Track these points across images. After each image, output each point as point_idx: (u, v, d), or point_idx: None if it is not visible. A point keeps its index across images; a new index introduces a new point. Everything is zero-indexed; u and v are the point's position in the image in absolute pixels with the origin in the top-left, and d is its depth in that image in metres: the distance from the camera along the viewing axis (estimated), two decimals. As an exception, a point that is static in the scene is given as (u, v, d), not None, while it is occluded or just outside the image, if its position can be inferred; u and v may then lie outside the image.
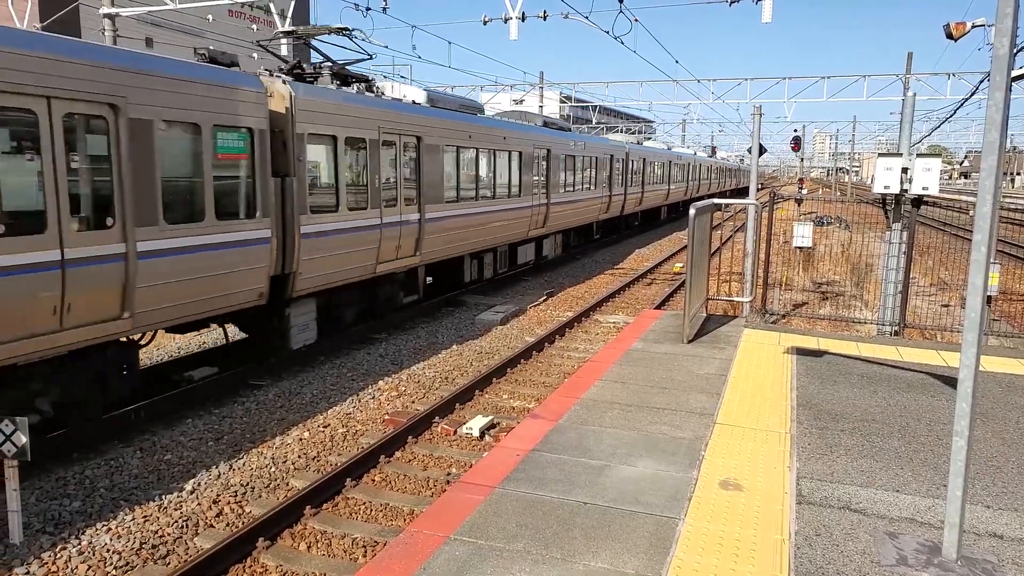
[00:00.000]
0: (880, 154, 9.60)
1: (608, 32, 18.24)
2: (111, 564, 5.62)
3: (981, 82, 17.18)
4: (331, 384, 10.04)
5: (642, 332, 9.33)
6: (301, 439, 8.14)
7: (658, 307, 15.48)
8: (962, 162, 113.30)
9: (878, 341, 9.22)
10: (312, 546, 6.02)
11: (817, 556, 4.07)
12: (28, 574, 5.43)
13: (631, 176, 29.04)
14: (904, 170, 9.28)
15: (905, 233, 9.87)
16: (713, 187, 52.16)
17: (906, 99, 9.93)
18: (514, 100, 36.83)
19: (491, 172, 16.15)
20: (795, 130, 43.60)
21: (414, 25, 22.43)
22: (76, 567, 5.54)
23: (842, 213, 34.85)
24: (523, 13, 17.93)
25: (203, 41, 33.61)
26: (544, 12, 18.89)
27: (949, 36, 10.17)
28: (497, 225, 16.58)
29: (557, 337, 12.92)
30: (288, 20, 19.22)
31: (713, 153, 62.92)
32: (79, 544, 5.82)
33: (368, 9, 17.75)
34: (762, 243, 11.89)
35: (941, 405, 6.56)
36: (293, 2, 18.54)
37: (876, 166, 9.54)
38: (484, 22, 19.39)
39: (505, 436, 6.14)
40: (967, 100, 17.24)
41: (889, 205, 9.87)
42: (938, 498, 4.69)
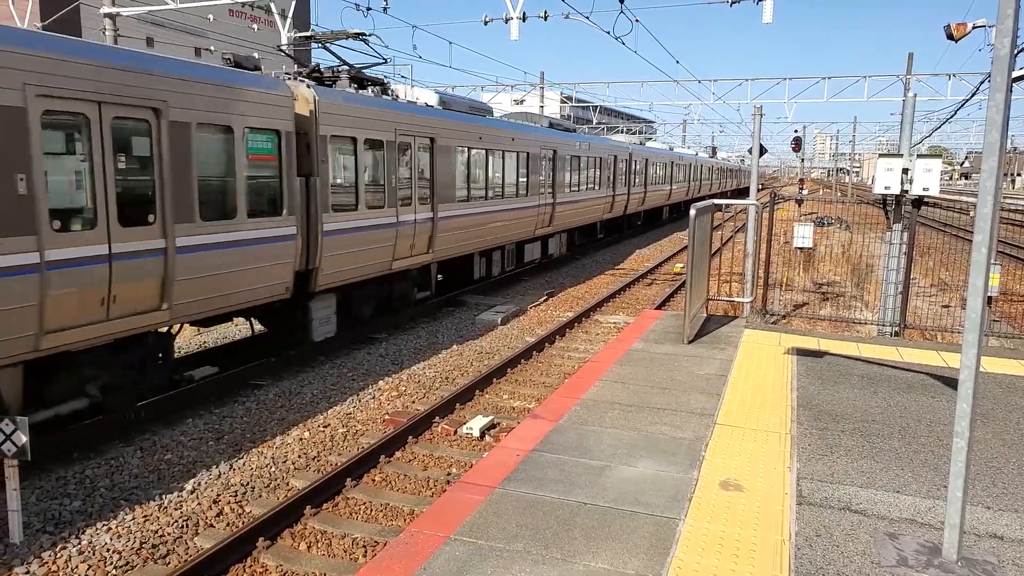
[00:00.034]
0: (881, 155, 9.60)
1: (609, 32, 18.26)
2: (111, 564, 5.62)
3: (982, 83, 17.17)
4: (331, 384, 10.04)
5: (642, 332, 9.33)
6: (301, 439, 8.15)
7: (658, 307, 15.48)
8: (963, 163, 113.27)
9: (878, 342, 9.22)
10: (312, 546, 6.02)
11: (817, 557, 4.07)
12: (28, 573, 5.44)
13: (634, 176, 29.27)
14: (905, 171, 9.28)
15: (905, 234, 9.87)
16: (714, 187, 52.32)
17: (907, 100, 9.94)
18: (515, 100, 36.80)
19: (500, 172, 16.44)
20: (796, 131, 43.63)
21: (415, 25, 22.45)
22: (76, 567, 5.55)
23: (843, 214, 34.83)
24: (524, 13, 17.93)
25: (204, 41, 33.61)
26: (545, 12, 18.89)
27: (950, 37, 10.18)
28: (505, 224, 16.87)
29: (557, 337, 12.92)
30: (289, 20, 19.22)
31: (714, 153, 62.91)
32: (79, 544, 5.82)
33: (369, 9, 17.77)
34: (763, 244, 11.89)
35: (941, 406, 6.56)
36: (294, 2, 18.54)
37: (877, 167, 9.54)
38: (485, 22, 19.39)
39: (505, 436, 6.14)
40: (968, 101, 17.21)
41: (890, 206, 9.87)
42: (938, 499, 4.69)
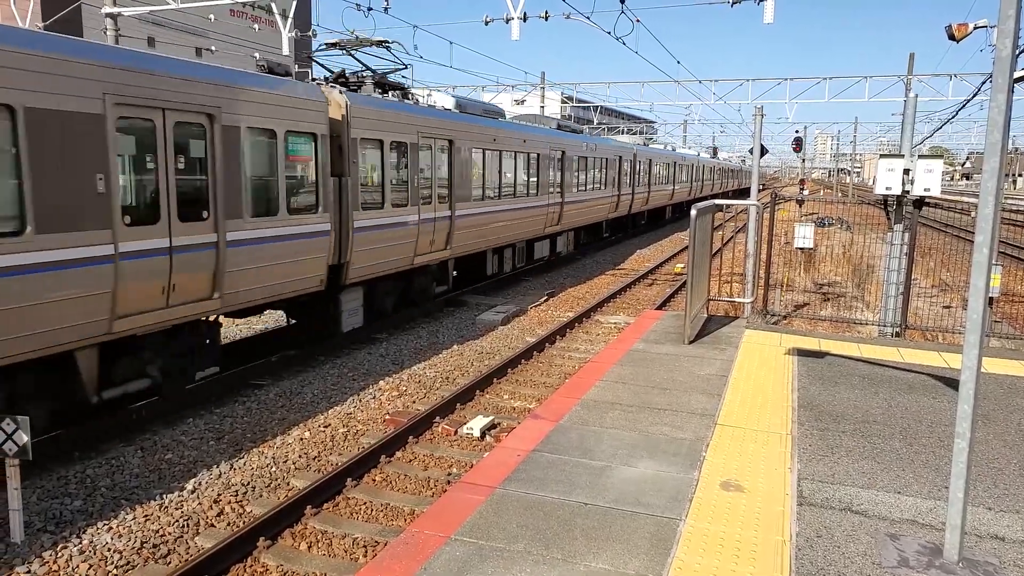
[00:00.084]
0: (882, 155, 9.58)
1: (610, 33, 18.24)
2: (112, 563, 5.62)
3: (983, 83, 17.15)
4: (332, 384, 10.04)
5: (643, 333, 9.32)
6: (302, 439, 8.15)
7: (659, 308, 15.47)
8: (964, 163, 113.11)
9: (879, 342, 9.21)
10: (313, 546, 6.03)
11: (818, 558, 4.07)
12: (29, 573, 5.44)
13: (638, 177, 29.83)
14: (906, 171, 9.27)
15: (907, 234, 9.86)
16: (716, 187, 52.53)
17: (908, 100, 9.92)
18: (515, 100, 36.79)
19: (512, 173, 17.17)
20: (796, 131, 43.64)
21: (415, 25, 22.41)
22: (77, 566, 5.55)
23: (843, 214, 34.81)
24: (525, 13, 17.89)
25: (205, 41, 33.65)
26: (546, 12, 18.87)
27: (951, 37, 10.17)
28: (517, 222, 17.55)
29: (558, 337, 12.92)
30: (290, 20, 19.23)
31: (715, 154, 62.96)
32: (80, 543, 5.82)
33: (370, 9, 17.76)
34: (763, 244, 11.88)
35: (943, 407, 6.55)
36: (295, 2, 18.55)
37: (878, 167, 9.52)
38: (486, 22, 19.36)
39: (506, 436, 6.13)
40: (969, 101, 17.20)
41: (891, 206, 9.86)
42: (939, 500, 4.68)
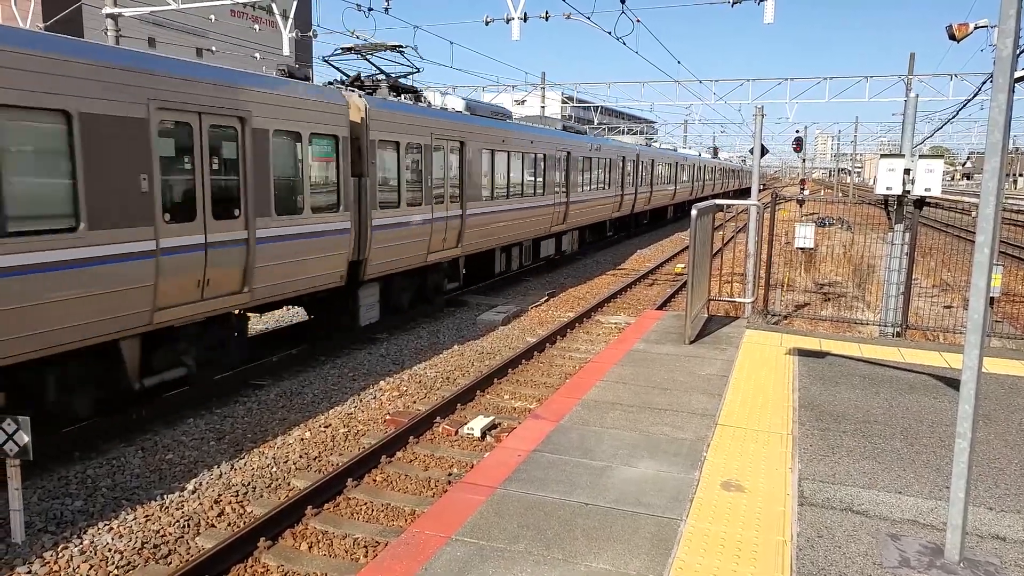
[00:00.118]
0: (882, 155, 9.58)
1: (610, 33, 18.21)
2: (113, 563, 5.62)
3: (984, 83, 17.13)
4: (332, 384, 10.04)
5: (644, 333, 9.32)
6: (302, 439, 8.15)
7: (660, 308, 15.47)
8: (964, 163, 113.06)
9: (880, 342, 9.21)
10: (313, 546, 6.02)
11: (819, 558, 4.07)
12: (30, 573, 5.44)
13: (641, 177, 30.28)
14: (906, 171, 9.26)
15: (907, 234, 9.86)
16: (717, 187, 52.77)
17: (908, 100, 9.91)
18: (516, 100, 36.78)
19: (520, 173, 17.60)
20: (797, 131, 43.64)
21: (416, 25, 22.38)
22: (78, 566, 5.55)
23: (844, 214, 34.78)
24: (525, 14, 17.88)
25: (205, 41, 33.64)
26: (546, 13, 18.85)
27: (952, 37, 10.16)
28: (525, 221, 18.00)
29: (558, 337, 12.92)
30: (290, 21, 19.22)
31: (715, 154, 63.03)
32: (81, 543, 5.83)
33: (370, 10, 17.76)
34: (764, 244, 11.88)
35: (943, 407, 6.55)
36: (295, 2, 18.55)
37: (878, 167, 9.51)
38: (486, 22, 19.36)
39: (506, 436, 6.14)
40: (970, 101, 17.17)
41: (891, 206, 9.86)
42: (940, 500, 4.68)
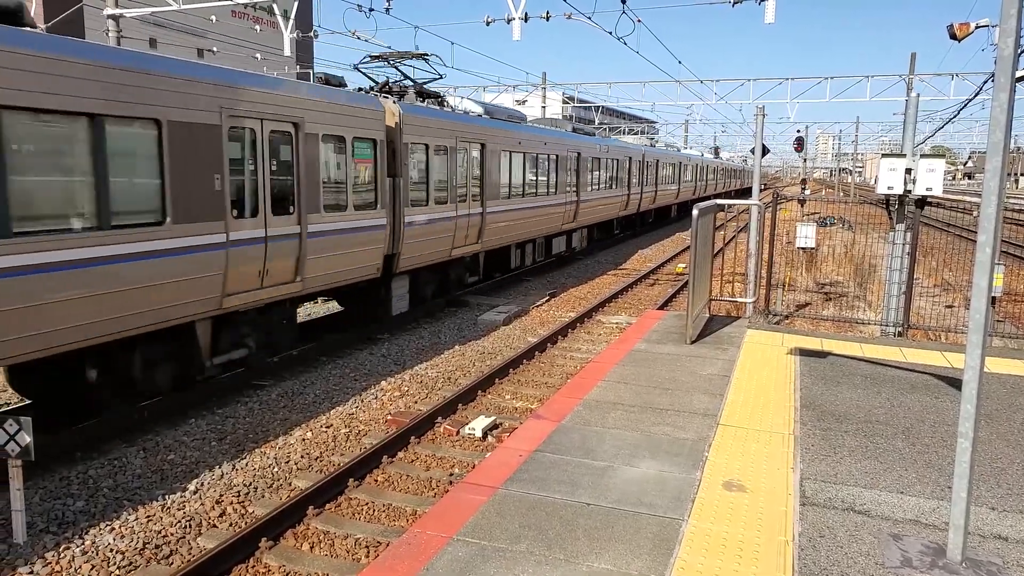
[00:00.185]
0: (884, 155, 9.57)
1: (611, 33, 18.20)
2: (114, 564, 5.63)
3: (985, 83, 17.11)
4: (334, 384, 10.05)
5: (645, 333, 9.32)
6: (304, 439, 8.15)
7: (661, 308, 15.46)
8: (966, 163, 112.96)
9: (882, 342, 9.20)
10: (315, 546, 6.03)
11: (821, 558, 4.06)
12: (32, 574, 5.45)
13: (646, 177, 31.06)
14: (908, 171, 9.26)
15: (909, 234, 9.85)
16: (719, 187, 53.14)
17: (909, 100, 9.89)
18: (517, 101, 36.81)
19: (534, 173, 18.52)
20: (798, 131, 43.67)
21: (416, 26, 22.38)
22: (79, 567, 5.55)
23: (845, 214, 34.75)
24: (526, 14, 17.89)
25: (206, 42, 33.65)
26: (547, 13, 18.86)
27: (953, 37, 10.17)
28: (538, 219, 18.91)
29: (560, 337, 12.91)
30: (291, 21, 19.23)
31: (717, 154, 63.15)
32: (82, 544, 5.83)
33: (371, 10, 17.77)
34: (765, 244, 11.87)
35: (945, 406, 6.54)
36: (296, 3, 18.56)
37: (880, 167, 9.51)
38: (487, 23, 19.36)
39: (508, 437, 6.14)
40: (971, 101, 17.17)
41: (893, 206, 9.85)
42: (942, 500, 4.67)
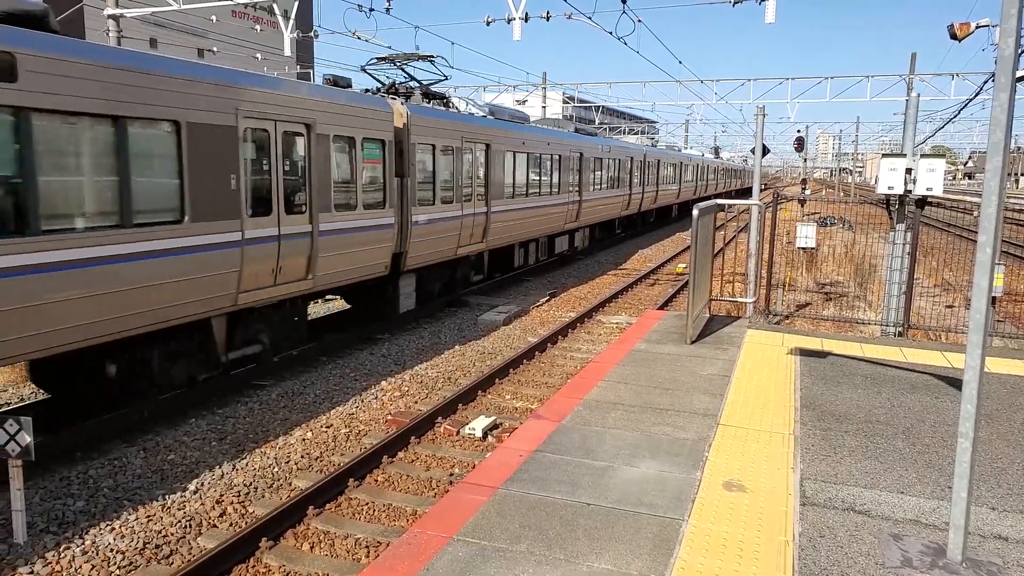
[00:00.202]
0: (884, 155, 9.57)
1: (611, 33, 18.19)
2: (115, 564, 5.63)
3: (985, 83, 17.12)
4: (334, 384, 10.05)
5: (645, 333, 9.32)
6: (304, 439, 8.15)
7: (661, 308, 15.46)
8: (966, 163, 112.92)
9: (882, 342, 9.20)
10: (315, 546, 6.03)
11: (821, 558, 4.06)
12: (32, 574, 5.45)
13: (648, 177, 31.29)
14: (908, 171, 9.25)
15: (909, 234, 9.85)
16: (720, 187, 53.26)
17: (910, 100, 9.89)
18: (517, 101, 36.81)
19: (538, 173, 18.72)
20: (798, 131, 43.67)
21: (417, 26, 22.36)
22: (80, 567, 5.56)
23: (846, 214, 34.74)
24: (526, 14, 17.89)
25: (206, 42, 33.65)
26: (547, 13, 18.86)
27: (953, 37, 10.17)
28: (541, 218, 19.12)
29: (560, 337, 12.91)
30: (291, 21, 19.23)
31: (717, 154, 63.21)
32: (83, 544, 5.83)
33: (371, 10, 17.77)
34: (765, 244, 11.87)
35: (945, 406, 6.54)
36: (296, 3, 18.56)
37: (880, 167, 9.50)
38: (487, 23, 19.36)
39: (508, 437, 6.14)
40: (971, 101, 17.19)
41: (893, 206, 9.85)
42: (943, 500, 4.67)
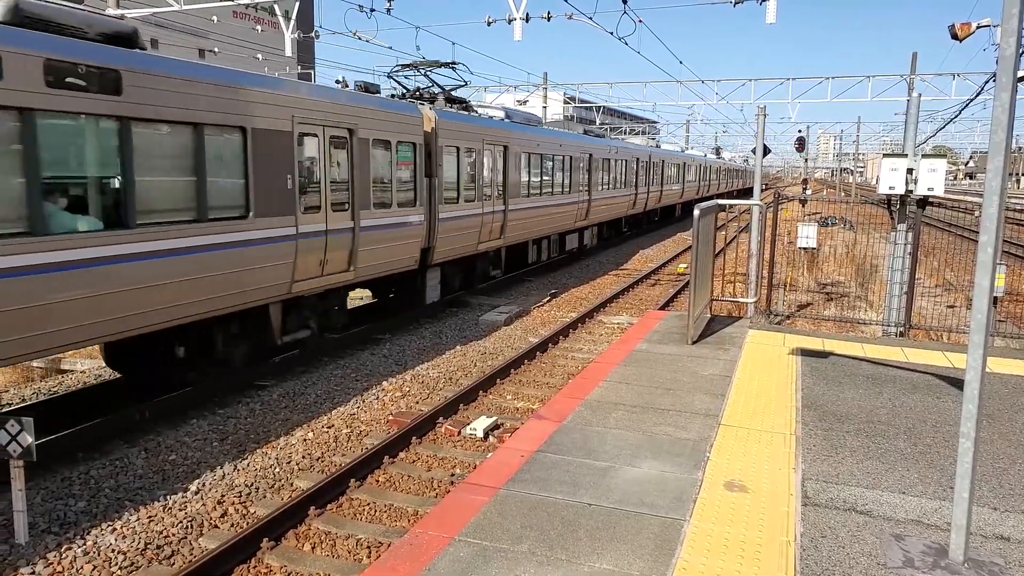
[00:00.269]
0: (885, 155, 9.56)
1: (612, 33, 18.18)
2: (116, 564, 5.63)
3: (986, 83, 17.10)
4: (335, 385, 10.05)
5: (646, 333, 9.31)
6: (305, 439, 8.15)
7: (662, 308, 15.45)
8: (967, 163, 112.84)
9: (883, 342, 9.19)
10: (316, 547, 6.03)
11: (823, 558, 4.06)
12: (34, 574, 5.45)
13: (653, 177, 32.04)
14: (909, 171, 9.25)
15: (910, 234, 9.84)
16: (721, 187, 53.63)
17: (911, 100, 9.89)
18: (518, 101, 36.83)
19: (551, 173, 19.56)
20: (799, 131, 43.64)
21: (418, 26, 22.35)
22: (81, 567, 5.56)
23: (847, 214, 34.73)
24: (527, 14, 17.88)
25: (207, 42, 33.66)
26: (548, 13, 18.84)
27: (954, 36, 10.15)
28: (554, 216, 19.89)
29: (561, 338, 12.91)
30: (292, 22, 19.24)
31: (719, 154, 63.32)
32: (84, 544, 5.83)
33: (372, 10, 17.77)
34: (766, 244, 11.86)
35: (947, 407, 6.54)
36: (297, 3, 18.57)
37: (881, 167, 9.50)
38: (488, 23, 19.36)
39: (509, 437, 6.13)
40: (972, 101, 17.17)
41: (894, 206, 9.84)
42: (944, 500, 4.67)
